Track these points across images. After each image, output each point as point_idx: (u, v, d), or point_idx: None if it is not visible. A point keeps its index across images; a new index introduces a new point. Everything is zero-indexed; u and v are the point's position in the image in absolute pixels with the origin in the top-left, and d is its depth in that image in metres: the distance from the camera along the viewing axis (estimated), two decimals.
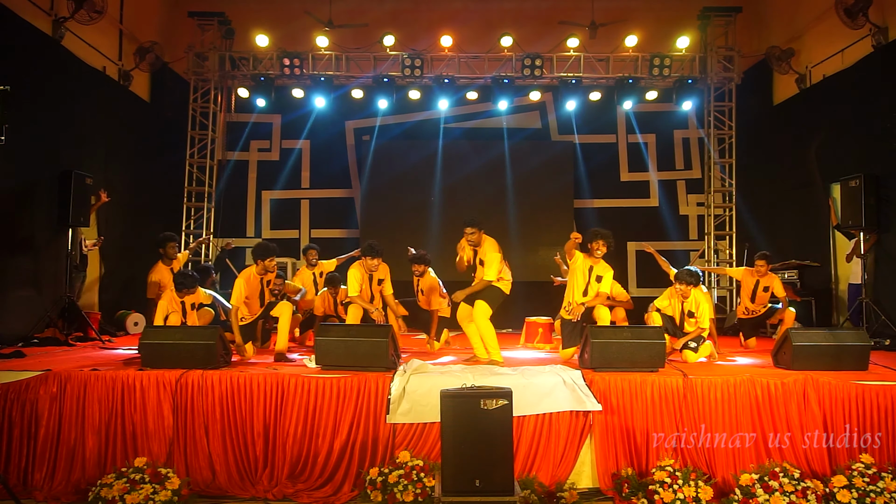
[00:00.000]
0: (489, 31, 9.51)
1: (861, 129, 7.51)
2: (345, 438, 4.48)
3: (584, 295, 5.79)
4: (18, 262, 6.70)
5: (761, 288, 6.89)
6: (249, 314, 5.92)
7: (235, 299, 5.76)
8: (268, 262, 5.87)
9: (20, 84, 5.58)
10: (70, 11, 7.23)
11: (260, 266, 5.88)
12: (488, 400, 3.70)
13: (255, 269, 5.90)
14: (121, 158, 8.60)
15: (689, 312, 5.90)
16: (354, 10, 9.67)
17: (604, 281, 5.77)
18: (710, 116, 9.94)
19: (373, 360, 4.86)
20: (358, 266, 6.15)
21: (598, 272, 5.77)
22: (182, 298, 5.84)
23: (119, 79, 8.70)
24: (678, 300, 5.96)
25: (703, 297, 5.94)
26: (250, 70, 9.58)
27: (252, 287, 5.87)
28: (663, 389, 4.58)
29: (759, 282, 6.88)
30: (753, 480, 4.02)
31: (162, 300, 5.81)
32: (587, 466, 4.52)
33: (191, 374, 4.62)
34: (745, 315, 7.07)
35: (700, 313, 5.83)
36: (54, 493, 4.32)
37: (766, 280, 6.86)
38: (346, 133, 10.56)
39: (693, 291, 5.88)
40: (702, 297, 5.93)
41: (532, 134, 10.58)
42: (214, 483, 4.42)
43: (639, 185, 10.44)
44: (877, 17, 7.24)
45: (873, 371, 5.00)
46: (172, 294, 5.83)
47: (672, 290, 6.01)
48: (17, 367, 4.91)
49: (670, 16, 9.79)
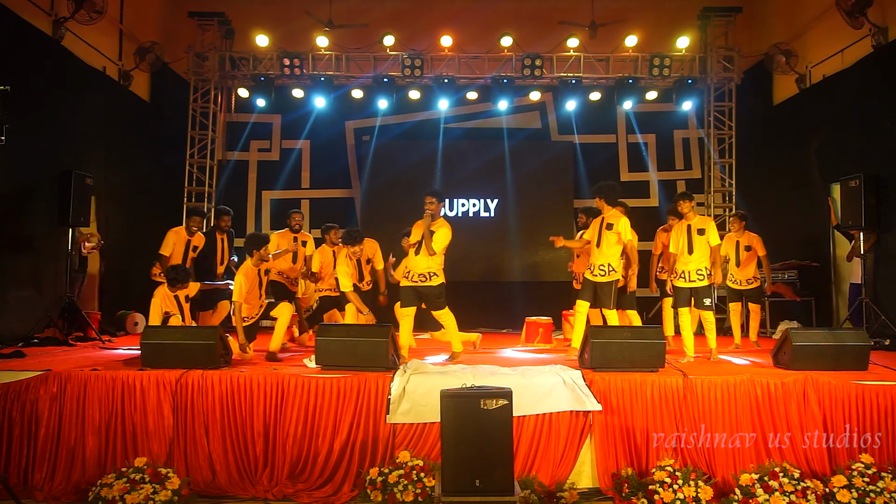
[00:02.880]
0: (489, 31, 9.51)
1: (861, 129, 7.51)
2: (345, 438, 4.48)
3: (690, 253, 5.90)
4: (18, 262, 6.70)
5: (742, 248, 6.96)
6: (249, 309, 5.91)
7: (238, 295, 5.74)
8: (262, 252, 5.89)
9: (20, 84, 5.59)
10: (70, 11, 7.22)
11: (255, 257, 5.87)
12: (488, 400, 3.70)
13: (251, 262, 5.88)
14: (121, 158, 8.60)
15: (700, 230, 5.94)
16: (354, 10, 9.67)
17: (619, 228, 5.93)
18: (710, 116, 9.93)
19: (373, 360, 4.86)
20: (343, 258, 6.19)
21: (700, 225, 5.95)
22: (175, 293, 5.83)
23: (119, 79, 8.70)
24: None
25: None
26: (250, 70, 9.58)
27: (251, 280, 5.87)
28: (663, 389, 4.59)
29: (738, 242, 6.96)
30: (753, 480, 4.03)
31: (154, 298, 5.77)
32: (587, 466, 4.52)
33: (191, 374, 4.62)
34: (735, 285, 7.07)
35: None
36: (54, 493, 4.33)
37: (745, 239, 6.97)
38: (346, 133, 10.55)
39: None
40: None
41: (532, 134, 10.56)
42: (214, 483, 4.43)
43: (639, 185, 10.42)
44: (877, 17, 7.24)
45: (873, 371, 5.00)
46: (165, 290, 5.81)
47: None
48: (17, 367, 4.91)
49: (670, 16, 9.79)
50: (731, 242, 7.03)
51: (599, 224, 5.95)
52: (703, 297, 5.89)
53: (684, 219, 6.01)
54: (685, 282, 5.94)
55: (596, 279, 5.89)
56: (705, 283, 5.88)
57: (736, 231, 7.03)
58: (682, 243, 5.94)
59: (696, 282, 5.89)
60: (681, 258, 5.96)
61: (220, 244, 7.49)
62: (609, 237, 5.85)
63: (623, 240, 5.83)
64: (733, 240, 7.03)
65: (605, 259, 5.86)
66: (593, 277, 5.91)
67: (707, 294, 5.91)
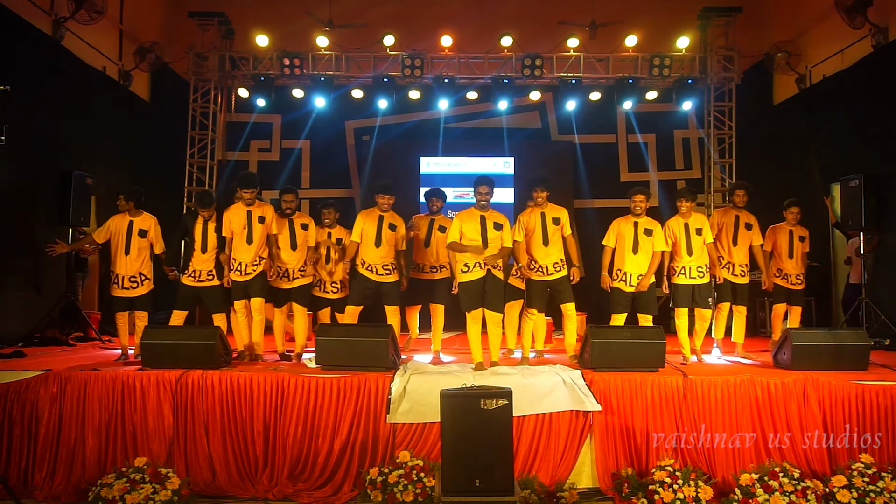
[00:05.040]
0: (489, 31, 9.50)
1: (861, 129, 7.51)
2: (345, 438, 4.48)
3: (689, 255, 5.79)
4: (18, 262, 6.70)
5: (797, 238, 6.30)
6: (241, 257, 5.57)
7: (226, 231, 5.60)
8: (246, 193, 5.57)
9: (20, 84, 5.58)
10: (70, 11, 7.23)
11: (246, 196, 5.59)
12: (488, 400, 3.70)
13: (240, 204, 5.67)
14: (121, 158, 8.60)
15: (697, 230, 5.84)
16: (354, 10, 9.65)
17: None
18: (710, 116, 9.92)
19: (373, 360, 4.86)
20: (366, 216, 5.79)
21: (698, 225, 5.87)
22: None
23: (119, 79, 8.71)
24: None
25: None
26: (250, 70, 9.57)
27: (239, 220, 5.58)
28: (663, 389, 4.59)
29: (738, 217, 6.14)
30: (753, 480, 4.02)
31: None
32: (587, 466, 4.52)
33: (191, 374, 4.62)
34: (732, 276, 6.11)
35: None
36: (54, 493, 4.33)
37: (799, 230, 6.33)
38: (346, 133, 10.56)
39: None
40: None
41: (532, 134, 10.57)
42: (214, 483, 4.43)
43: (639, 186, 10.41)
44: (877, 17, 7.24)
45: (873, 371, 4.99)
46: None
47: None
48: (17, 367, 4.91)
49: (670, 16, 9.77)
50: (784, 234, 6.35)
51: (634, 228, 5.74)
52: (706, 296, 5.84)
53: (681, 217, 5.92)
54: (686, 278, 5.84)
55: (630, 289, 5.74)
56: (706, 279, 5.84)
57: (790, 222, 6.37)
58: (681, 242, 5.85)
59: (696, 279, 5.82)
60: (682, 257, 5.86)
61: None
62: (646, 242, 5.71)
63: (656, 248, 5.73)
64: (785, 230, 6.36)
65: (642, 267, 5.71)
66: (629, 288, 5.75)
67: (709, 292, 5.87)
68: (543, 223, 5.55)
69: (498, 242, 5.31)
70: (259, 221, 5.60)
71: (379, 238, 5.66)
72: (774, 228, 6.44)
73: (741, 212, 6.17)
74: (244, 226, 5.57)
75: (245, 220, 5.57)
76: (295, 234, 5.78)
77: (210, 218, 5.71)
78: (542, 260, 5.53)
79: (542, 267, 5.54)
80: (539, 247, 5.54)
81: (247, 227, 5.56)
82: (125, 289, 5.69)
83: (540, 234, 5.54)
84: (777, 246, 6.37)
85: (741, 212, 6.17)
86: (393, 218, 5.81)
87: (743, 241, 6.10)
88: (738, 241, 6.09)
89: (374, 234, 5.66)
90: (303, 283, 5.84)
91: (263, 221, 5.62)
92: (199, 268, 5.67)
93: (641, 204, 5.72)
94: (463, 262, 5.30)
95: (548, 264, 5.53)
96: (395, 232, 5.77)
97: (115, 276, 5.71)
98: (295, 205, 5.89)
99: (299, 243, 5.79)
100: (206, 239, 5.67)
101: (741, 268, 6.11)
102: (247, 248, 5.56)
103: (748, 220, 6.15)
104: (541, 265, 5.54)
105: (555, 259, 5.55)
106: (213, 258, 5.70)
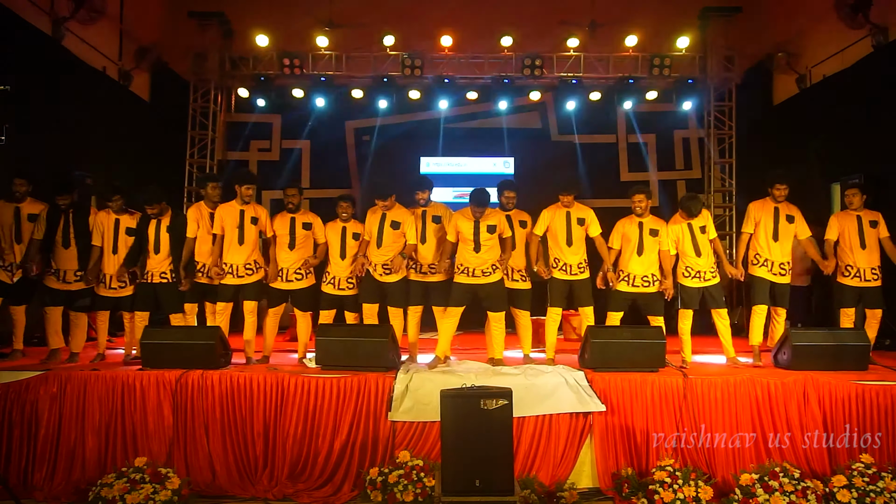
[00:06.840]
0: (489, 31, 9.50)
1: (861, 129, 7.51)
2: (345, 438, 4.48)
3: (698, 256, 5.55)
4: None
5: (867, 223, 5.62)
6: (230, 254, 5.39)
7: (217, 228, 5.42)
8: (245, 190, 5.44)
9: (20, 84, 5.58)
10: (70, 11, 7.23)
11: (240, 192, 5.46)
12: (488, 400, 3.70)
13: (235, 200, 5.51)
14: (121, 158, 8.58)
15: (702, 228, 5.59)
16: (354, 10, 9.65)
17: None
18: (711, 116, 9.93)
19: (373, 360, 4.86)
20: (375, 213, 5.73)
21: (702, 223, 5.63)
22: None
23: (119, 79, 8.70)
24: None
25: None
26: (250, 70, 9.58)
27: (231, 218, 5.41)
28: (663, 389, 4.59)
29: (777, 210, 5.58)
30: (753, 480, 4.03)
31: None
32: (587, 466, 4.52)
33: (191, 374, 4.62)
34: (771, 275, 5.63)
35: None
36: (54, 493, 4.33)
37: (869, 215, 5.65)
38: (346, 133, 10.54)
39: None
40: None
41: (532, 134, 10.56)
42: (214, 483, 4.43)
43: (639, 185, 10.40)
44: (877, 17, 7.24)
45: (873, 371, 5.00)
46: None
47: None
48: (17, 367, 4.91)
49: (670, 16, 9.76)
50: (852, 221, 5.70)
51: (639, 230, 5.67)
52: (719, 296, 5.58)
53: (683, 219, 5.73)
54: (700, 281, 5.55)
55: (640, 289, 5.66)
56: (717, 280, 5.60)
57: (857, 208, 5.71)
58: (686, 243, 5.60)
59: (710, 281, 5.55)
60: (689, 256, 5.61)
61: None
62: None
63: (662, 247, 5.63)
64: (853, 216, 5.71)
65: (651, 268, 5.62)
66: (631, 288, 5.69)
67: (721, 291, 5.65)
68: (568, 223, 5.65)
69: (493, 244, 5.42)
70: (252, 223, 5.42)
71: (380, 238, 5.66)
72: (839, 216, 5.81)
73: (781, 203, 5.66)
74: (236, 225, 5.39)
75: (238, 220, 5.40)
76: (295, 234, 5.61)
77: (163, 215, 5.57)
78: (566, 259, 5.63)
79: (566, 266, 5.63)
80: (563, 246, 5.64)
81: (239, 227, 5.38)
82: (112, 289, 5.62)
83: (564, 233, 5.64)
84: (844, 236, 5.64)
85: (781, 203, 5.66)
86: (396, 215, 5.73)
87: (785, 236, 5.61)
88: (780, 235, 5.58)
89: (377, 233, 5.68)
90: (302, 286, 5.67)
91: (256, 223, 5.45)
92: (152, 269, 5.54)
93: (642, 204, 5.68)
94: (459, 262, 5.42)
95: (572, 264, 5.62)
96: (398, 230, 5.71)
97: (102, 276, 5.61)
98: (298, 200, 5.74)
99: (298, 244, 5.62)
100: (158, 240, 5.52)
101: (782, 267, 5.59)
102: (238, 249, 5.38)
103: (790, 211, 5.63)
104: (565, 264, 5.63)
105: (579, 259, 5.65)
106: (167, 259, 5.55)
